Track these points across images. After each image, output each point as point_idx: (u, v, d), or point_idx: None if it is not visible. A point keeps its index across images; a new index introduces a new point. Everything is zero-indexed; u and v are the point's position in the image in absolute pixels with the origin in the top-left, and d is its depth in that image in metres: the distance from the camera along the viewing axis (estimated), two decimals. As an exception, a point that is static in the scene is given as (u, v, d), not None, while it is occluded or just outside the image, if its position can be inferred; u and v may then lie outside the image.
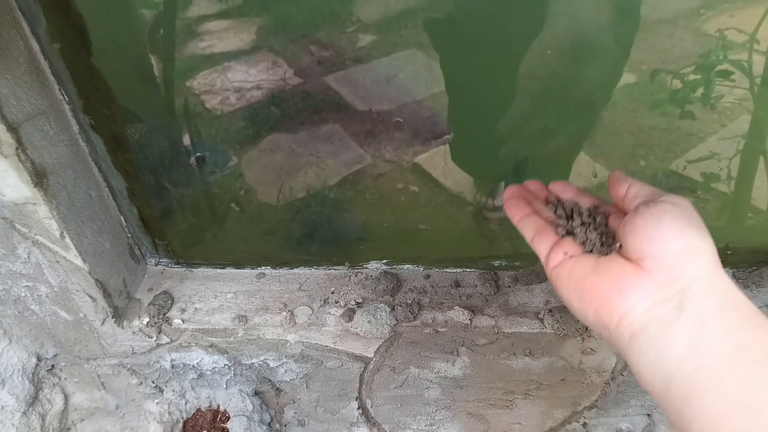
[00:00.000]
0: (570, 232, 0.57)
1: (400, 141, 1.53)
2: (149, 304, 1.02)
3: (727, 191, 1.23)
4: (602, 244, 0.53)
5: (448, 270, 1.05)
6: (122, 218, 1.01)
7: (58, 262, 0.91)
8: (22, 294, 0.96)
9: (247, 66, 1.79)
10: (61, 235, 0.87)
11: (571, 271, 0.53)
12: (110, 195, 0.98)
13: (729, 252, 0.98)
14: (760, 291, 0.96)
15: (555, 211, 0.62)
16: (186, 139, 1.12)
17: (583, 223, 0.57)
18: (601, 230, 0.55)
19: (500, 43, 1.05)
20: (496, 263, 1.03)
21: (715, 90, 1.32)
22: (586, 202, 0.62)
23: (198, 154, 1.12)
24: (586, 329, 0.93)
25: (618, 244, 0.51)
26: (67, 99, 0.86)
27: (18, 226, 0.86)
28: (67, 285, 0.94)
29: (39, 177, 0.81)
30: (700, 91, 1.32)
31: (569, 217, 0.59)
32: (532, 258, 1.02)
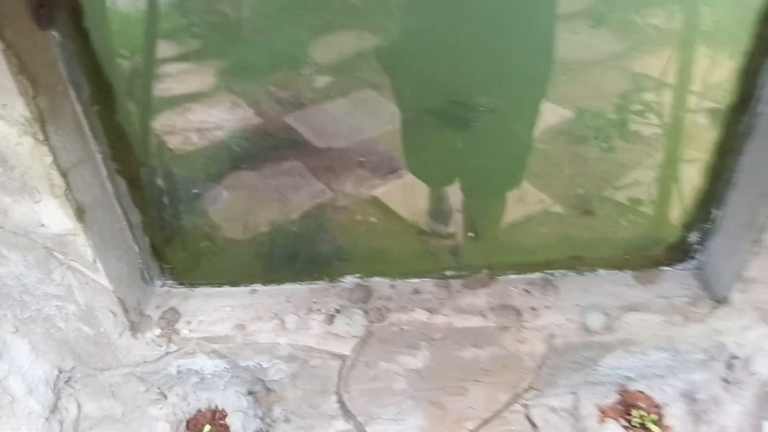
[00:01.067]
0: None
1: (360, 176, 1.75)
2: (159, 318, 1.21)
3: (647, 212, 1.51)
4: None
5: (409, 280, 1.28)
6: (136, 247, 1.20)
7: (87, 284, 1.09)
8: (52, 313, 1.14)
9: (207, 107, 2.01)
10: (94, 260, 1.06)
11: None
12: (128, 227, 1.17)
13: (627, 258, 1.26)
14: (653, 287, 1.23)
15: None
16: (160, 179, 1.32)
17: None
18: None
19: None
20: (448, 273, 1.27)
21: (632, 127, 1.64)
22: None
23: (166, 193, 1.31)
24: (521, 322, 1.18)
25: None
26: (99, 149, 1.06)
27: (56, 254, 1.05)
28: (93, 303, 1.12)
29: (80, 213, 1.01)
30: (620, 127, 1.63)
31: None
32: (475, 268, 1.27)
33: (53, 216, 0.99)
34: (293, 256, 1.34)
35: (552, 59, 1.44)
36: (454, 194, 1.57)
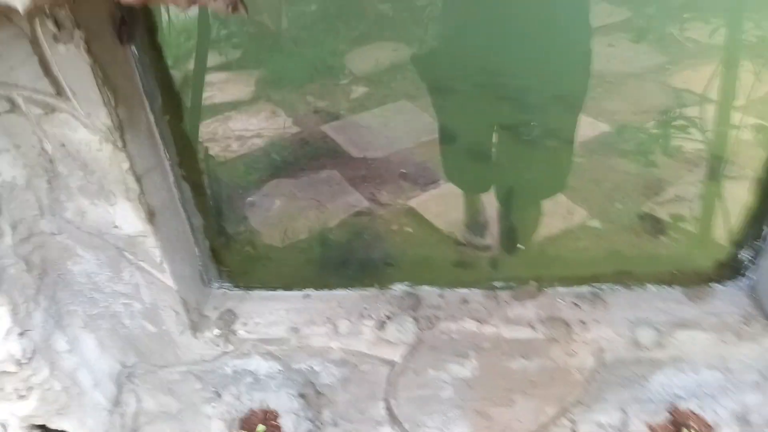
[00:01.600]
0: None
1: (397, 187, 1.78)
2: (217, 319, 1.26)
3: (691, 229, 1.50)
4: None
5: (457, 290, 1.30)
6: (197, 249, 1.26)
7: (153, 283, 1.15)
8: (119, 310, 1.20)
9: (247, 115, 2.08)
10: (161, 261, 1.12)
11: None
12: (191, 231, 1.23)
13: (676, 273, 1.25)
14: (703, 304, 1.22)
15: None
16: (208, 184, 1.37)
17: None
18: None
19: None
20: (497, 284, 1.29)
21: (674, 141, 1.64)
22: None
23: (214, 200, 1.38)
24: (570, 335, 1.19)
25: None
26: (168, 156, 1.13)
27: (126, 254, 1.11)
28: (158, 302, 1.18)
29: (150, 216, 1.07)
30: (661, 142, 1.63)
31: None
32: (523, 279, 1.28)
33: (126, 218, 1.05)
34: (343, 262, 1.38)
35: (590, 71, 1.44)
36: (490, 206, 1.59)
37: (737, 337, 1.15)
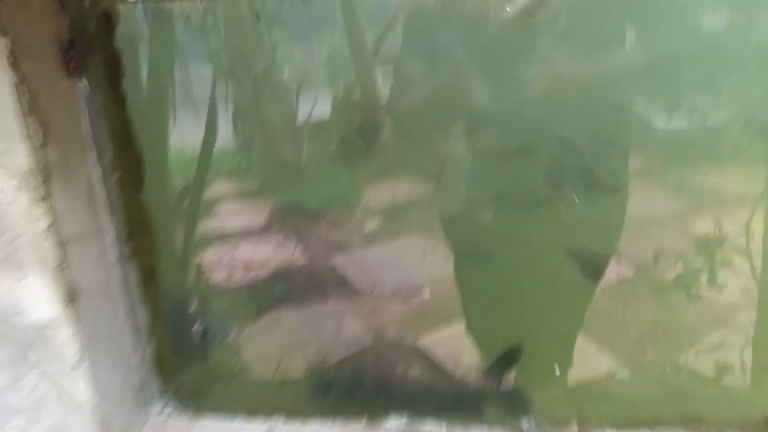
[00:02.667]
0: None
1: (404, 323, 1.58)
2: (148, 453, 0.94)
3: (741, 384, 1.22)
4: None
5: (472, 428, 0.99)
6: (134, 357, 0.97)
7: (65, 395, 0.85)
8: (12, 434, 0.88)
9: (256, 245, 1.85)
10: (78, 362, 0.82)
11: None
12: (131, 329, 0.95)
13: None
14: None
15: None
16: (193, 306, 1.15)
17: None
18: None
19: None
20: (525, 424, 0.98)
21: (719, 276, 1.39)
22: None
23: (200, 326, 1.15)
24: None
25: None
26: (112, 226, 0.88)
27: (29, 355, 0.82)
28: (66, 425, 0.87)
29: (71, 297, 0.80)
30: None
31: None
32: (560, 423, 0.98)
33: (36, 299, 0.78)
34: (325, 389, 1.08)
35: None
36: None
37: None
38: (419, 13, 1.20)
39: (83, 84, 0.80)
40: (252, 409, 1.03)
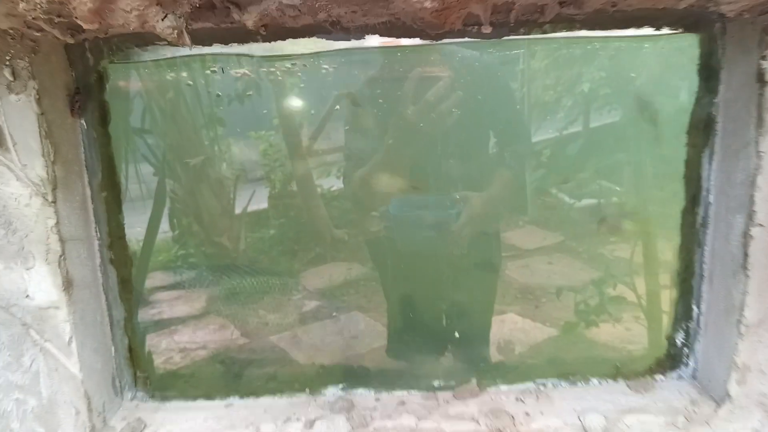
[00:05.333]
0: None
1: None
2: (122, 429, 1.11)
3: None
4: None
5: (394, 392, 1.21)
6: (113, 348, 1.17)
7: (57, 369, 1.04)
8: (9, 408, 1.05)
9: (194, 329, 2.10)
10: (70, 340, 1.03)
11: None
12: (109, 323, 1.16)
13: (618, 366, 1.23)
14: (649, 394, 1.18)
15: None
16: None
17: None
18: None
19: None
20: (435, 383, 1.22)
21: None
22: None
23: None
24: (515, 426, 1.10)
25: None
26: (98, 235, 1.12)
27: (32, 333, 1.03)
28: (57, 396, 1.05)
29: (68, 285, 1.02)
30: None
31: None
32: (464, 378, 1.22)
33: (41, 284, 1.00)
34: (272, 376, 1.29)
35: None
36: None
37: (687, 420, 1.09)
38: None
39: (82, 122, 1.07)
40: (211, 392, 1.23)
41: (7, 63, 0.91)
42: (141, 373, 1.21)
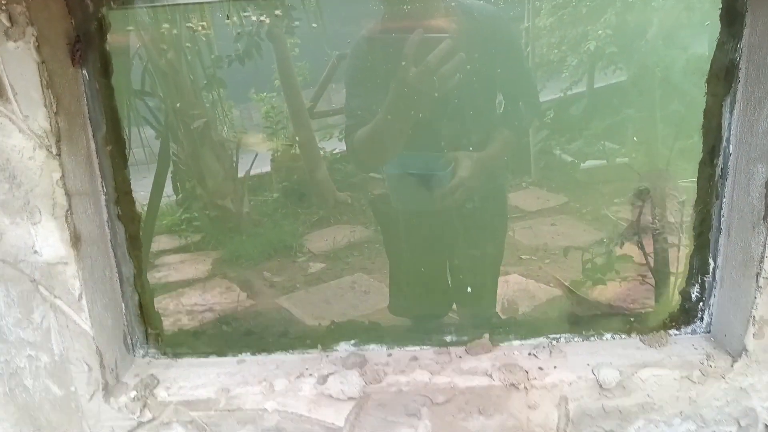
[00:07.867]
0: None
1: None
2: (136, 384, 1.11)
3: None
4: None
5: (407, 348, 1.21)
6: (123, 305, 1.16)
7: (67, 326, 1.03)
8: (21, 365, 1.05)
9: (201, 291, 2.08)
10: (80, 296, 1.01)
11: None
12: (118, 280, 1.14)
13: (632, 320, 1.22)
14: (663, 349, 1.17)
15: None
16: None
17: None
18: None
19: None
20: (448, 339, 1.21)
21: None
22: None
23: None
24: (529, 380, 1.09)
25: None
26: (105, 191, 1.09)
27: (42, 289, 1.01)
28: (69, 353, 1.04)
29: (75, 240, 1.00)
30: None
31: None
32: (478, 333, 1.21)
33: (48, 240, 0.98)
34: (283, 333, 1.28)
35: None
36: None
37: (703, 374, 1.08)
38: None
39: (84, 73, 1.03)
40: (223, 349, 1.22)
41: (3, 8, 0.87)
42: (152, 330, 1.20)
